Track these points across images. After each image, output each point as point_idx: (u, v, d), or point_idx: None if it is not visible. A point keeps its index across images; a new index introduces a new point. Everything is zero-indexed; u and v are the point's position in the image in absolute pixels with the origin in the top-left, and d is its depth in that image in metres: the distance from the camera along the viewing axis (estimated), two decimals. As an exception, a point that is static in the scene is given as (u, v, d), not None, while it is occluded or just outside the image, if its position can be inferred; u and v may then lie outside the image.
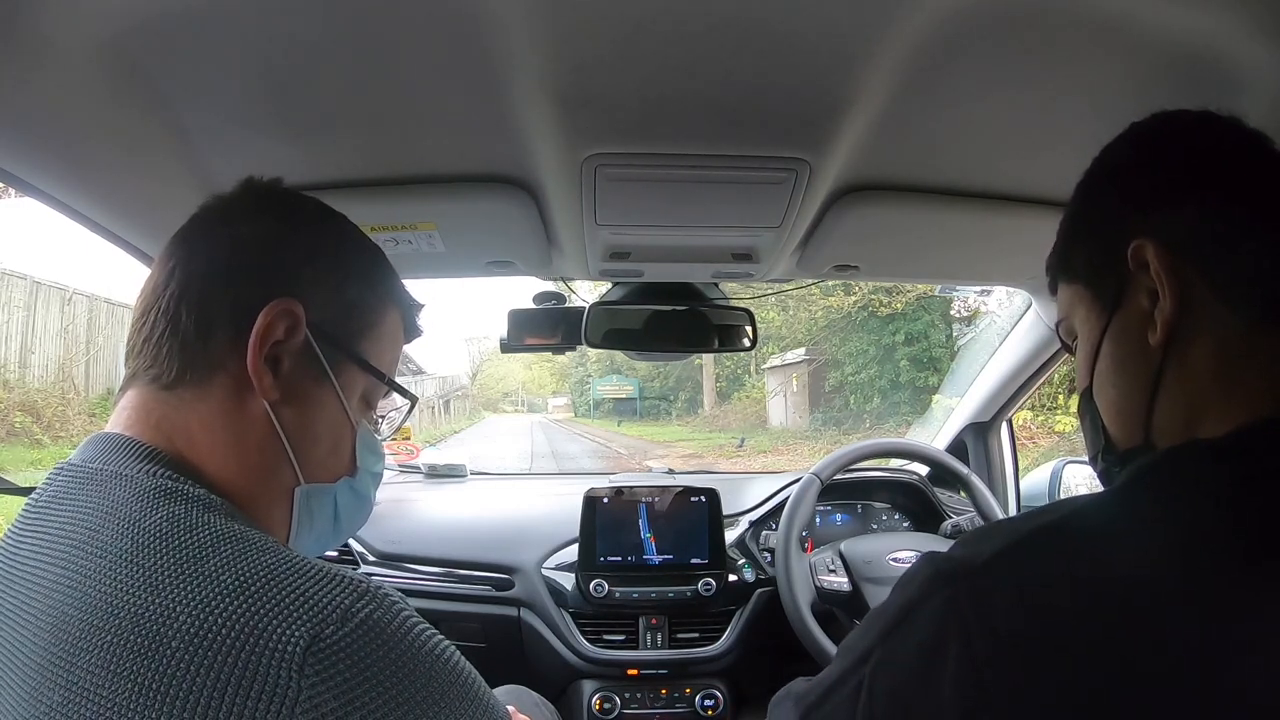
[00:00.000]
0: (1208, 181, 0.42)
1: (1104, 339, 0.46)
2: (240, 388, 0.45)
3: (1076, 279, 0.48)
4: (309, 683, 0.33)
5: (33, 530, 0.41)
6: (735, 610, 1.33)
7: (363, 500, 0.54)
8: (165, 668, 0.33)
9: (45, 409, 5.88)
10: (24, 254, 5.89)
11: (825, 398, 11.58)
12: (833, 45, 0.59)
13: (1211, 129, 0.44)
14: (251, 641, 0.33)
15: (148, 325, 0.45)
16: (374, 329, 0.51)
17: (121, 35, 0.57)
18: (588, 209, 0.85)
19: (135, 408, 0.45)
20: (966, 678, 0.35)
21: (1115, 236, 0.44)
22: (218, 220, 0.49)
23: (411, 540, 1.39)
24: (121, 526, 0.38)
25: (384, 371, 0.52)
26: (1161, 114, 0.46)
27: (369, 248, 0.53)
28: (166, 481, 0.41)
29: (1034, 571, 0.37)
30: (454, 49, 0.61)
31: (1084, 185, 0.49)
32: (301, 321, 0.46)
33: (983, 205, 0.91)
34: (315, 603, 0.35)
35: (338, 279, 0.49)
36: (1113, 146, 0.48)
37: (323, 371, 0.48)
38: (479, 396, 25.49)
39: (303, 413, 0.47)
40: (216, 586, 0.35)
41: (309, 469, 0.48)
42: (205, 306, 0.45)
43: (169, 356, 0.44)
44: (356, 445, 0.52)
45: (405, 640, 0.36)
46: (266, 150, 0.77)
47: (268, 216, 0.49)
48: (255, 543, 0.38)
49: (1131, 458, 0.45)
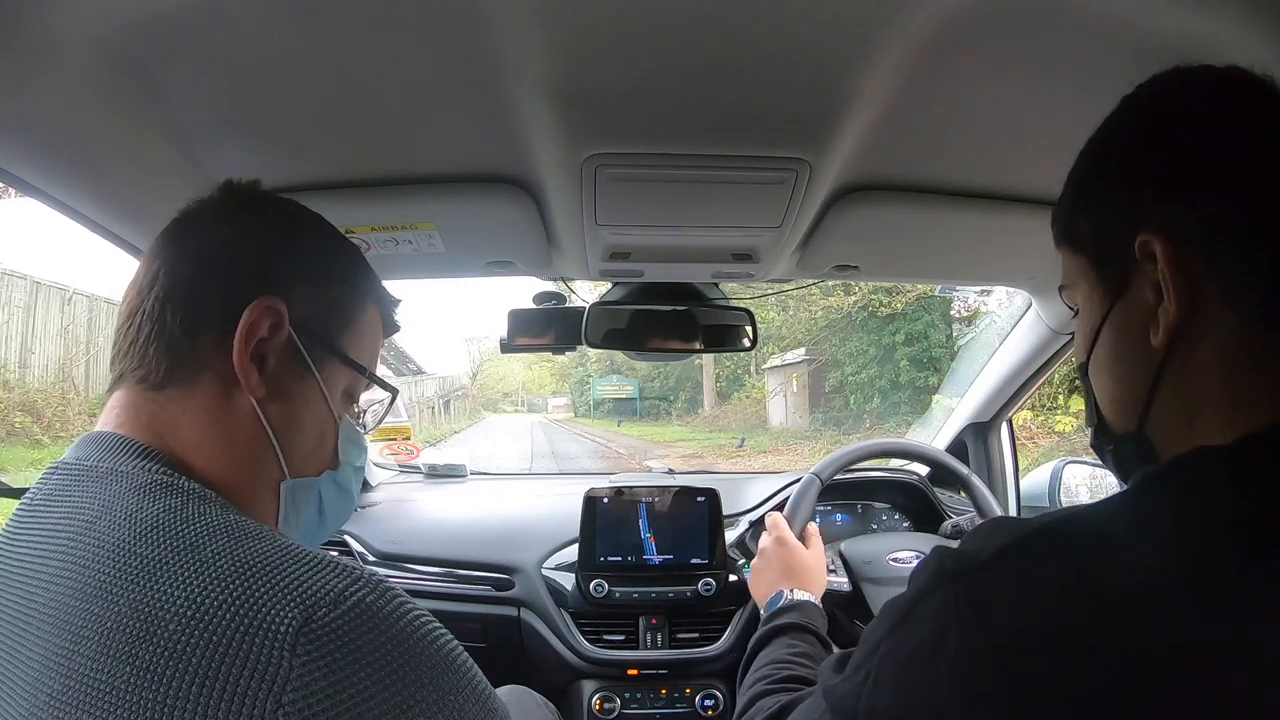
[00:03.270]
0: (1223, 170, 0.39)
1: (1104, 325, 0.44)
2: (227, 385, 0.46)
3: (1081, 250, 0.46)
4: (299, 662, 0.33)
5: (30, 528, 0.42)
6: (735, 610, 1.32)
7: (345, 494, 0.55)
8: (161, 649, 0.34)
9: (45, 409, 5.88)
10: (24, 254, 5.89)
11: (825, 398, 11.58)
12: (833, 45, 0.58)
13: (1235, 100, 0.40)
14: (245, 623, 0.34)
15: (133, 328, 0.46)
16: (354, 325, 0.53)
17: (122, 35, 0.57)
18: (588, 209, 0.85)
19: (124, 407, 0.46)
20: (965, 672, 0.35)
21: (1122, 221, 0.42)
22: (200, 223, 0.50)
23: (411, 540, 1.38)
24: (119, 519, 0.39)
25: (365, 366, 0.54)
26: (1179, 73, 0.42)
27: (347, 247, 0.54)
28: (162, 476, 0.42)
29: (1038, 568, 0.37)
30: (454, 49, 0.61)
31: (1092, 153, 0.46)
32: (285, 319, 0.47)
33: (983, 205, 0.91)
34: (309, 587, 0.36)
35: (319, 278, 0.50)
36: (1122, 115, 0.44)
37: (306, 367, 0.49)
38: (479, 396, 25.48)
39: (288, 408, 0.48)
40: (213, 572, 0.36)
41: (294, 463, 0.49)
42: (191, 307, 0.46)
43: (156, 357, 0.45)
44: (339, 439, 0.53)
45: (398, 625, 0.37)
46: (266, 150, 0.77)
47: (248, 218, 0.50)
48: (251, 531, 0.39)
49: (1123, 443, 0.45)
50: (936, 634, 0.37)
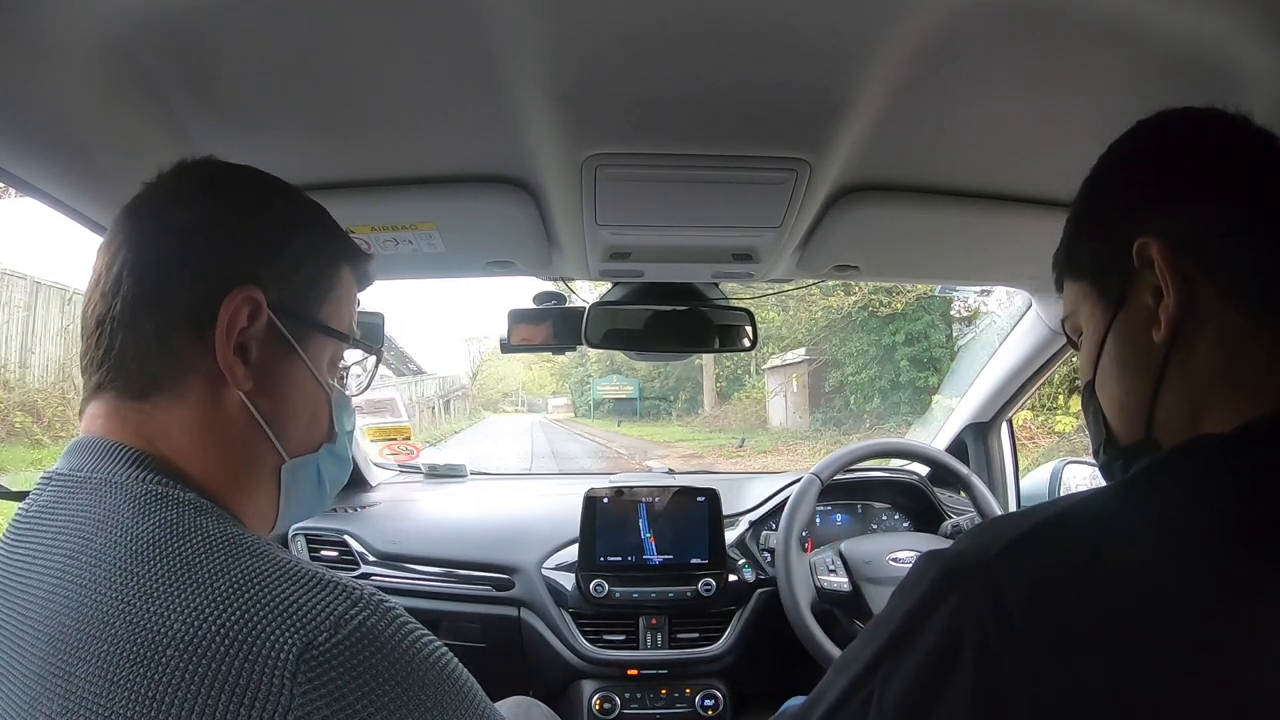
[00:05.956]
0: (1213, 178, 0.42)
1: (1108, 335, 0.46)
2: (213, 384, 0.45)
3: (1082, 276, 0.48)
4: (300, 690, 0.33)
5: (26, 541, 0.41)
6: (735, 610, 1.33)
7: (343, 461, 0.54)
8: (160, 675, 0.33)
9: (45, 409, 5.88)
10: (24, 254, 5.89)
11: (825, 398, 11.57)
12: (833, 45, 0.58)
13: (1218, 126, 0.44)
14: (245, 649, 0.33)
15: (105, 335, 0.44)
16: (331, 293, 0.51)
17: (121, 34, 0.57)
18: (588, 209, 0.85)
19: (108, 416, 0.44)
20: (984, 674, 0.35)
21: (1120, 233, 0.44)
22: (157, 211, 0.47)
23: (411, 540, 1.38)
24: (115, 534, 0.38)
25: (346, 333, 0.52)
26: (1168, 111, 0.46)
27: (311, 210, 0.52)
28: (156, 487, 0.41)
29: (1046, 563, 0.37)
30: (454, 49, 0.61)
31: (1090, 182, 0.49)
32: (263, 305, 0.45)
33: (983, 205, 0.91)
34: (307, 610, 0.35)
35: (290, 254, 0.48)
36: (1119, 144, 0.48)
37: (290, 348, 0.48)
38: (479, 396, 25.48)
39: (278, 393, 0.47)
40: (210, 593, 0.35)
41: (291, 445, 0.49)
42: (163, 309, 0.44)
43: (137, 367, 0.44)
44: (333, 409, 0.52)
45: (400, 647, 0.36)
46: (265, 150, 0.77)
47: (207, 201, 0.47)
48: (247, 547, 0.38)
49: (1134, 452, 0.45)
50: (951, 637, 0.36)
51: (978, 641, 0.35)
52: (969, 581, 0.37)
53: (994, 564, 0.37)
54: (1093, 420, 0.49)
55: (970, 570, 0.37)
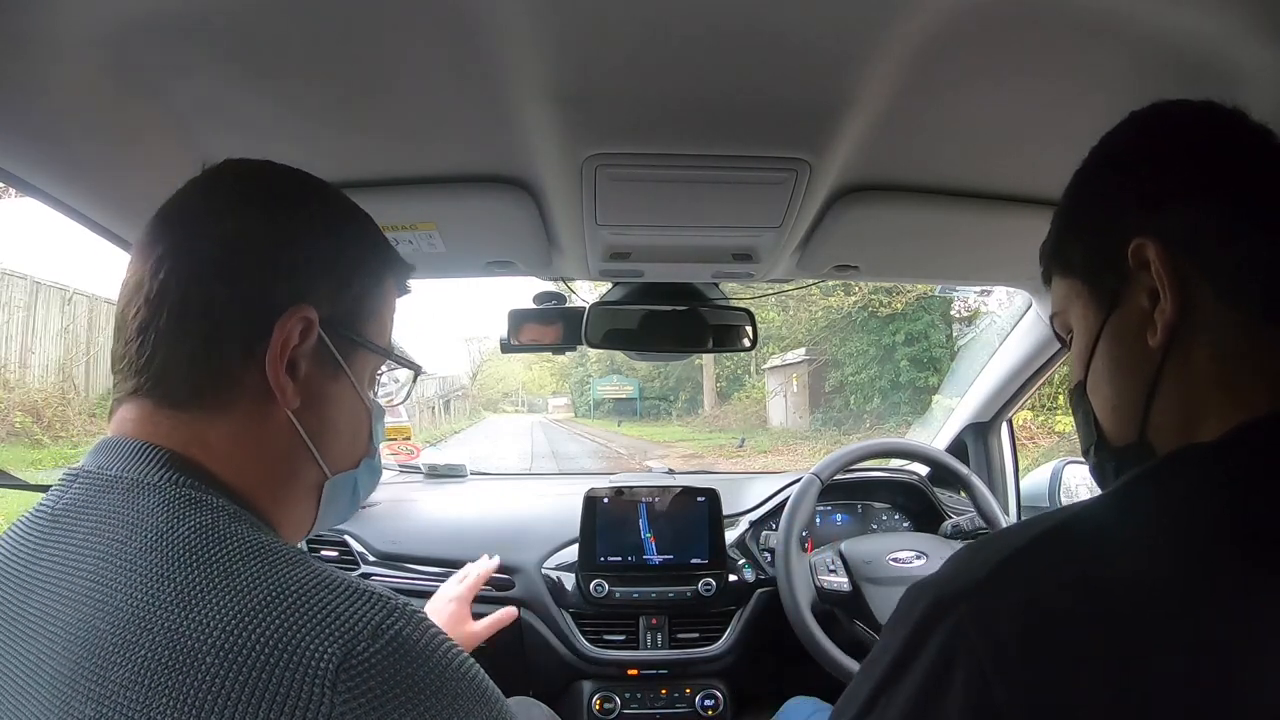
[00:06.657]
0: (1212, 178, 0.41)
1: (1100, 337, 0.45)
2: (260, 400, 0.44)
3: (1072, 273, 0.47)
4: (341, 699, 0.33)
5: (54, 540, 0.41)
6: (735, 610, 1.33)
7: (377, 472, 0.55)
8: (200, 681, 0.33)
9: (45, 409, 5.88)
10: (24, 254, 5.90)
11: (825, 398, 11.58)
12: (833, 45, 0.58)
13: (1214, 121, 0.43)
14: (285, 657, 0.34)
15: (149, 345, 0.43)
16: (377, 308, 0.50)
17: (120, 32, 0.57)
18: (588, 209, 0.85)
19: (142, 420, 0.43)
20: (979, 699, 0.34)
21: (1114, 233, 0.43)
22: (205, 217, 0.45)
23: (411, 540, 1.38)
24: (150, 539, 0.38)
25: (389, 349, 0.52)
26: (1163, 104, 0.45)
27: (359, 219, 0.51)
28: (189, 490, 0.40)
29: (1044, 577, 0.36)
30: (454, 49, 0.61)
31: (1081, 176, 0.48)
32: (315, 324, 0.44)
33: (983, 205, 0.91)
34: (347, 619, 0.35)
35: (340, 272, 0.47)
36: (1111, 137, 0.47)
37: (338, 365, 0.47)
38: (479, 396, 25.49)
39: (323, 411, 0.47)
40: (248, 601, 0.35)
41: (334, 462, 0.48)
42: (212, 323, 0.43)
43: (179, 379, 0.43)
44: (372, 424, 0.52)
45: (434, 657, 0.37)
46: (265, 149, 0.77)
47: (256, 208, 0.46)
48: (284, 555, 0.38)
49: (1125, 454, 0.45)
50: (941, 667, 0.36)
51: (971, 667, 0.35)
52: (958, 609, 0.36)
53: (984, 588, 0.37)
54: (1083, 421, 0.48)
55: (960, 596, 0.37)
